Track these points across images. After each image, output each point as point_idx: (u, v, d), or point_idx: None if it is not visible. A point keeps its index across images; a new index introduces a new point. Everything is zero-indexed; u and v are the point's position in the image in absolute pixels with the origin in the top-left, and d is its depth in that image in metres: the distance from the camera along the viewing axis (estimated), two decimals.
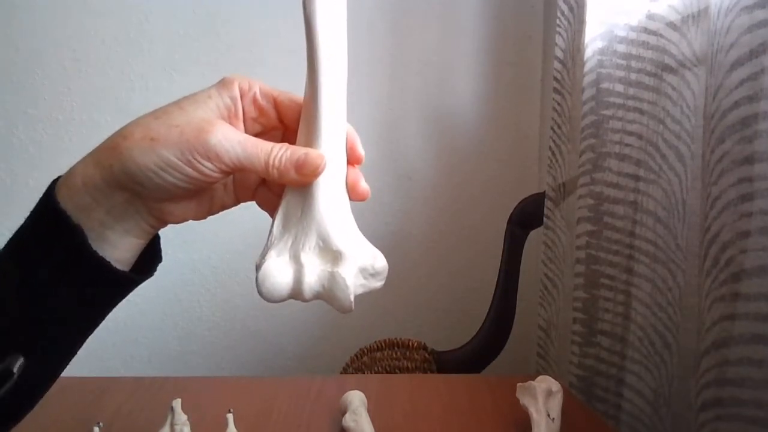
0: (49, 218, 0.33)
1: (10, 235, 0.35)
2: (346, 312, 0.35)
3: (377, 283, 0.38)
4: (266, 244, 0.37)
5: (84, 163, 0.34)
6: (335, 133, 0.36)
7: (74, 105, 1.10)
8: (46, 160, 1.10)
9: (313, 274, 0.35)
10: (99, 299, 0.36)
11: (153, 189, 0.34)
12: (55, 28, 1.08)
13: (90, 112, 1.10)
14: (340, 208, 0.37)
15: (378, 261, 0.37)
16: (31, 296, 0.33)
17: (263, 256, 0.36)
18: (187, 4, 1.09)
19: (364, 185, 0.38)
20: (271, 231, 0.37)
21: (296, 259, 0.36)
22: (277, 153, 0.35)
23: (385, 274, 0.38)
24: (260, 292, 0.35)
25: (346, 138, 0.38)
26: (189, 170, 0.33)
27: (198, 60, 1.11)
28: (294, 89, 0.38)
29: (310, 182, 0.36)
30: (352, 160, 0.38)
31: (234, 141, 0.34)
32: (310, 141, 0.36)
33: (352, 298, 0.35)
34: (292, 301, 0.36)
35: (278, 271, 0.35)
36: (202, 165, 0.33)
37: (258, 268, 0.35)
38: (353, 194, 0.38)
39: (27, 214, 0.35)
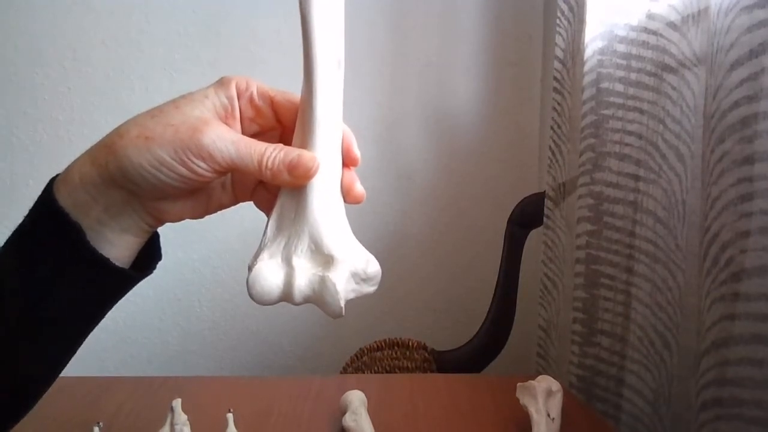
0: (48, 216, 0.33)
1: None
2: (336, 317, 0.35)
3: (369, 288, 0.37)
4: (259, 246, 0.36)
5: (81, 160, 0.34)
6: (330, 134, 0.36)
7: (74, 105, 1.10)
8: (46, 160, 1.10)
9: (304, 277, 0.35)
10: (98, 297, 0.36)
11: (148, 188, 0.34)
12: (55, 28, 1.08)
13: (90, 112, 1.10)
14: (333, 211, 0.36)
15: (371, 266, 0.37)
16: (31, 294, 0.33)
17: (255, 258, 0.36)
18: (187, 4, 1.09)
19: (359, 188, 0.38)
20: (265, 232, 0.37)
21: (288, 262, 0.35)
22: (270, 154, 0.35)
23: (378, 279, 0.37)
24: (250, 295, 0.35)
25: (342, 139, 0.37)
26: (182, 169, 0.33)
27: (198, 60, 1.11)
28: (294, 89, 0.38)
29: (303, 184, 0.35)
30: (348, 161, 0.38)
31: (227, 141, 0.34)
32: (305, 142, 0.36)
33: (342, 303, 0.35)
34: None
35: (269, 274, 0.35)
36: (195, 164, 0.33)
37: (250, 269, 0.35)
38: (348, 197, 0.37)
39: (27, 213, 0.35)
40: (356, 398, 0.61)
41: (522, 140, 1.17)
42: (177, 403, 0.54)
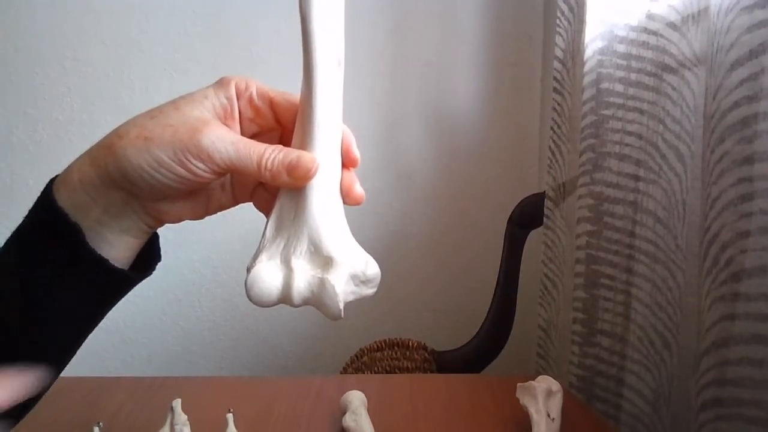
0: (48, 217, 0.33)
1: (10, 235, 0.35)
2: (335, 319, 0.35)
3: (369, 291, 0.37)
4: (258, 247, 0.36)
5: (81, 161, 0.34)
6: (330, 135, 0.36)
7: (74, 105, 1.10)
8: (46, 160, 1.10)
9: (303, 279, 0.35)
10: (98, 297, 0.36)
11: (147, 188, 0.34)
12: (55, 28, 1.08)
13: (90, 112, 1.10)
14: (332, 212, 0.36)
15: (370, 268, 0.36)
16: (30, 295, 0.33)
17: (254, 259, 0.35)
18: (187, 4, 1.09)
19: (358, 189, 0.37)
20: (264, 233, 0.36)
21: (287, 264, 0.35)
22: (269, 155, 0.34)
23: (377, 281, 0.37)
24: (249, 297, 0.34)
25: (342, 140, 0.37)
26: (181, 170, 0.33)
27: (198, 60, 1.11)
28: (294, 89, 0.38)
29: (302, 185, 0.35)
30: (347, 162, 0.37)
31: (227, 142, 0.33)
32: (305, 143, 0.35)
33: (341, 305, 0.34)
34: None
35: (267, 276, 0.35)
36: (194, 165, 0.33)
37: (248, 271, 0.35)
38: (347, 198, 0.37)
39: (26, 214, 0.35)
40: (356, 398, 0.61)
41: (522, 140, 1.17)
42: (177, 403, 0.54)
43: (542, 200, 0.95)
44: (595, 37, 0.74)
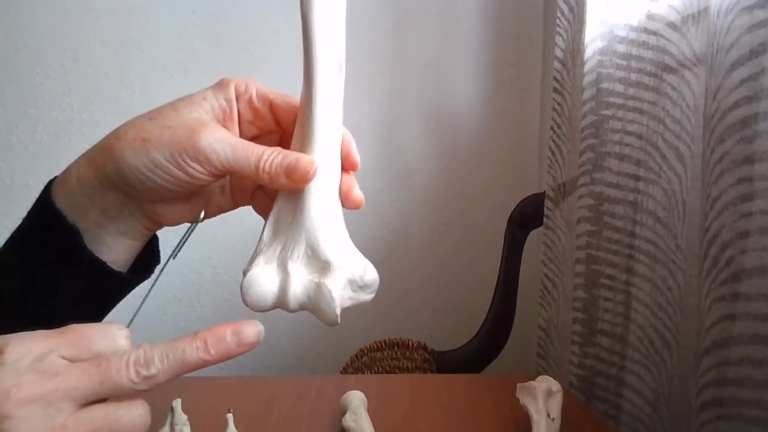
0: (46, 218, 0.33)
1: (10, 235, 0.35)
2: (331, 325, 0.34)
3: (366, 296, 0.36)
4: (255, 250, 0.36)
5: (79, 162, 0.34)
6: (330, 138, 0.35)
7: (74, 105, 1.10)
8: (46, 160, 1.10)
9: (300, 284, 0.34)
10: (97, 299, 0.36)
11: (144, 190, 0.33)
12: (55, 28, 1.08)
13: (90, 112, 1.10)
14: (331, 216, 0.35)
15: (368, 273, 0.36)
16: (30, 296, 0.33)
17: (251, 263, 0.35)
18: (187, 4, 1.09)
19: (358, 193, 0.37)
20: (261, 236, 0.36)
21: (283, 268, 0.34)
22: (267, 157, 0.34)
23: (376, 287, 0.36)
24: (245, 301, 0.34)
25: (342, 143, 0.36)
26: (178, 172, 0.33)
27: (198, 60, 1.11)
28: (295, 90, 0.38)
29: (301, 188, 0.35)
30: (347, 166, 0.37)
31: (225, 143, 0.33)
32: (304, 146, 0.35)
33: (337, 311, 0.34)
34: None
35: (264, 280, 0.34)
36: (191, 167, 0.33)
37: (244, 274, 0.34)
38: (347, 202, 0.37)
39: (25, 215, 0.35)
40: (356, 398, 0.61)
41: (522, 140, 1.17)
42: (177, 403, 0.54)
43: (542, 200, 0.95)
44: (595, 37, 0.74)
